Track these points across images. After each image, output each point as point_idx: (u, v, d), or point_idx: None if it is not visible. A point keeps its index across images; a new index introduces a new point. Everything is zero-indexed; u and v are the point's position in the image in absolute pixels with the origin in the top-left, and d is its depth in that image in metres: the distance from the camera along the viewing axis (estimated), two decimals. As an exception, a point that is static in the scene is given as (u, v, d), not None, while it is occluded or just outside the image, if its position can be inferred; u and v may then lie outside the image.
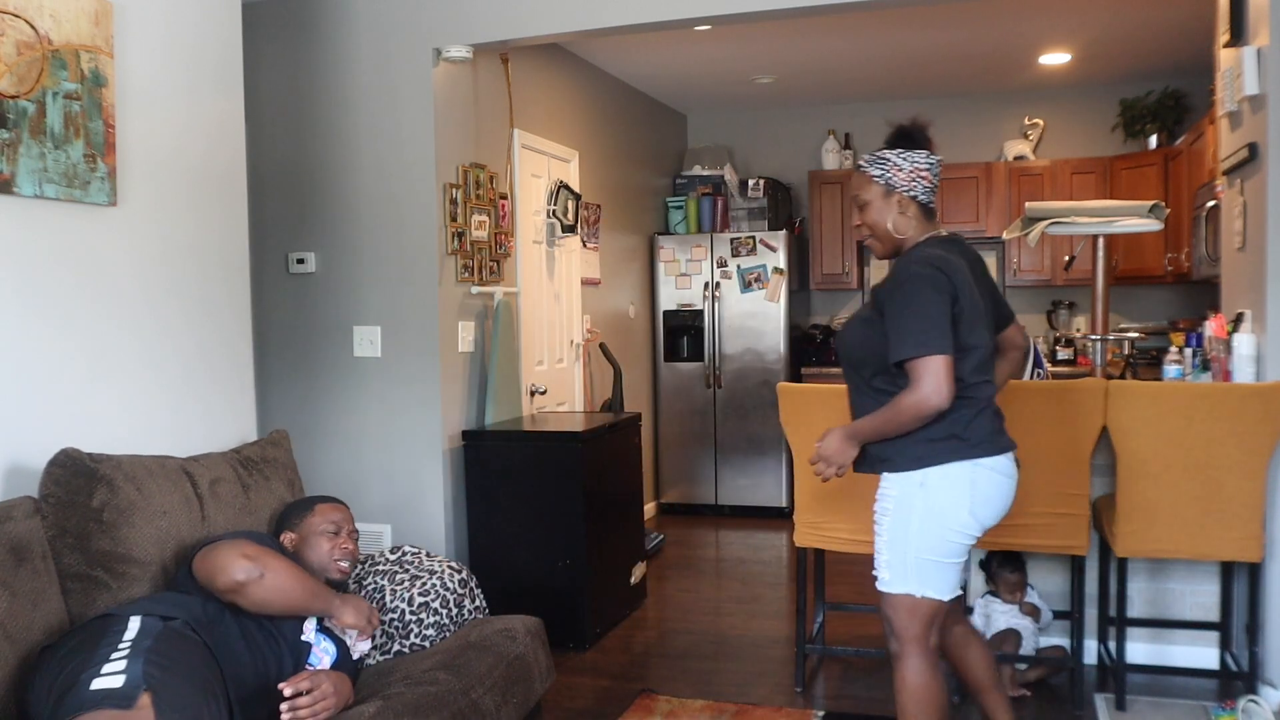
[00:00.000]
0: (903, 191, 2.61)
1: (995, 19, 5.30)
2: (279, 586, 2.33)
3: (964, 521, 2.50)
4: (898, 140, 2.66)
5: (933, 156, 2.65)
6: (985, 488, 2.51)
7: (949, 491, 2.48)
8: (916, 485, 2.50)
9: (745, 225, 7.01)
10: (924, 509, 2.49)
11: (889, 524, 2.55)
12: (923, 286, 2.44)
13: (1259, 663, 3.41)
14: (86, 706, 1.91)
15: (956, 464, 2.48)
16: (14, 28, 2.41)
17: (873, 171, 2.63)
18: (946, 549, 2.52)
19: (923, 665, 2.57)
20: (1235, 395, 3.25)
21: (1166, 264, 6.12)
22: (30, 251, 2.51)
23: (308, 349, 4.44)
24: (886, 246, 2.66)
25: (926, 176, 2.62)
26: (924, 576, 2.53)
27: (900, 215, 2.61)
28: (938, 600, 2.55)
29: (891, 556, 2.55)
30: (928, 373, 2.38)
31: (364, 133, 4.33)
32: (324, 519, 2.71)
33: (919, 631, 2.57)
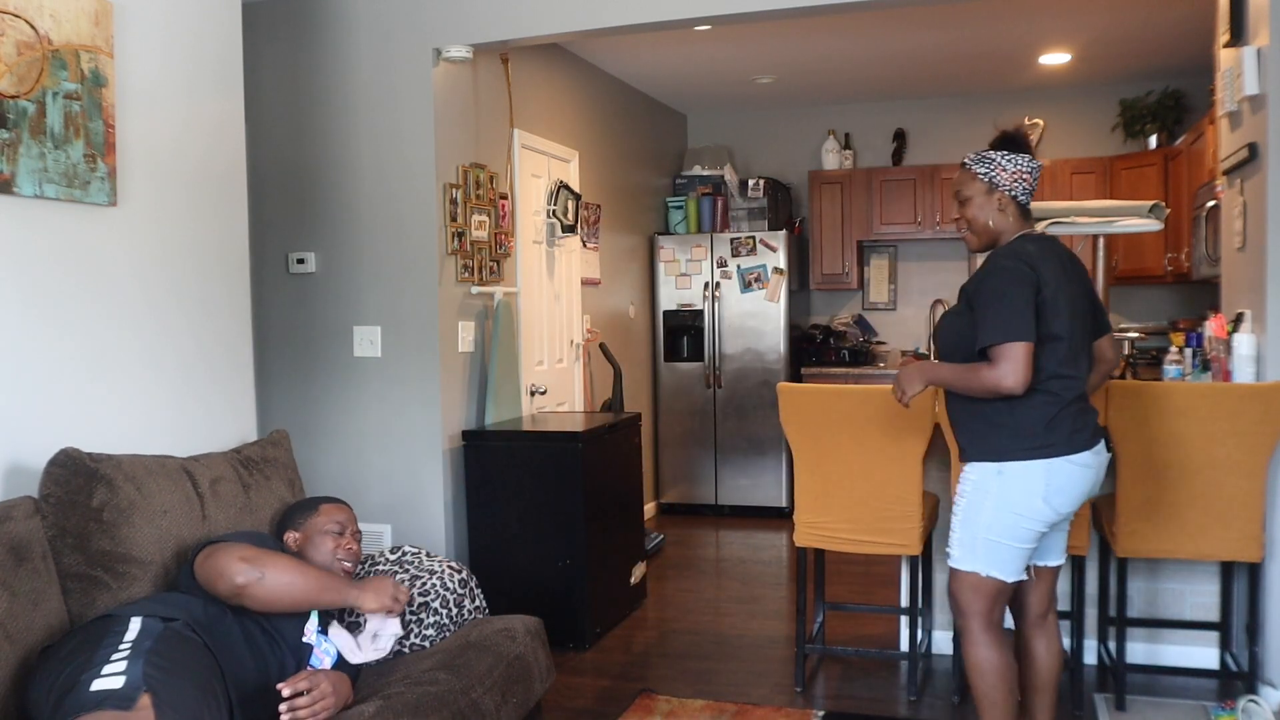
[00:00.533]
0: (1004, 190, 2.75)
1: (995, 19, 5.30)
2: (282, 583, 2.34)
3: (1038, 509, 2.64)
4: (1002, 143, 2.79)
5: (1035, 161, 2.77)
6: (1060, 479, 2.64)
7: (1024, 482, 2.63)
8: (994, 473, 2.66)
9: (745, 225, 7.02)
10: (998, 494, 2.65)
11: (964, 505, 2.71)
12: (1006, 277, 2.60)
13: (1259, 663, 3.41)
14: (87, 707, 1.91)
15: (1034, 461, 2.62)
16: (14, 28, 2.41)
17: (978, 169, 2.76)
18: (1016, 534, 2.66)
19: (987, 640, 2.72)
20: (1235, 395, 3.25)
21: (1166, 264, 6.11)
22: (30, 251, 2.51)
23: (308, 349, 4.44)
24: (982, 240, 2.81)
25: (1027, 179, 2.75)
26: (991, 557, 2.67)
27: (999, 212, 2.76)
28: (1001, 580, 2.69)
29: (963, 535, 2.71)
30: (1005, 357, 2.54)
31: (364, 133, 4.33)
32: (328, 519, 2.71)
33: (982, 608, 2.71)
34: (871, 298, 7.43)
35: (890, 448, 3.49)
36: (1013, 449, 2.63)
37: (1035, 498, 2.63)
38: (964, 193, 2.79)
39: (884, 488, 3.51)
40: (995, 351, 2.55)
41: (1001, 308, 2.57)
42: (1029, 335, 2.54)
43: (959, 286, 2.82)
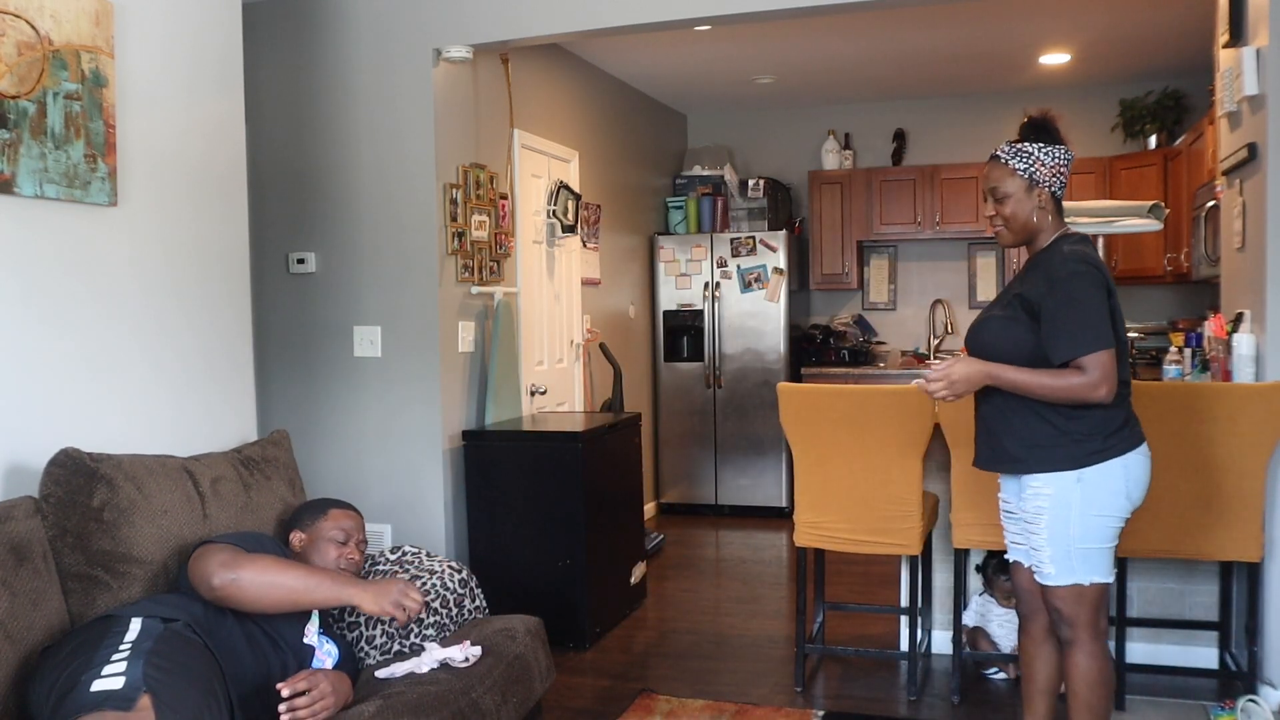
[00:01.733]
0: (1044, 186, 2.66)
1: (995, 19, 5.30)
2: (261, 583, 2.31)
3: (1121, 505, 2.60)
4: (1035, 133, 2.70)
5: (1070, 151, 2.70)
6: (1136, 471, 2.60)
7: (1106, 483, 2.57)
8: (1073, 481, 2.57)
9: (745, 225, 7.02)
10: (1082, 502, 2.57)
11: (1048, 520, 2.60)
12: (1085, 284, 2.52)
13: (1258, 663, 3.41)
14: (87, 708, 1.91)
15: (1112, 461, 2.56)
16: (14, 28, 2.42)
17: (1016, 165, 2.68)
18: (1106, 535, 2.61)
19: (1097, 650, 2.65)
20: (1235, 395, 3.26)
21: (1166, 264, 6.12)
22: (31, 252, 2.51)
23: (308, 349, 4.44)
24: (1018, 238, 2.73)
25: (1065, 172, 2.69)
26: (1089, 564, 2.61)
27: (1040, 209, 2.68)
28: (1104, 583, 2.64)
29: (1055, 551, 2.61)
30: (1097, 366, 2.47)
31: (364, 133, 4.33)
32: (335, 525, 2.74)
33: (1090, 617, 2.63)
34: (871, 298, 7.43)
35: (890, 448, 3.49)
36: (1089, 454, 2.55)
37: (1119, 496, 2.58)
38: (1002, 189, 2.68)
39: (884, 488, 3.51)
40: (1087, 361, 2.47)
41: (1088, 315, 2.49)
42: (1113, 341, 2.50)
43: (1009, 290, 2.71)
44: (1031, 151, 2.66)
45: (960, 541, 3.55)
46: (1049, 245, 2.67)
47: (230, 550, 2.37)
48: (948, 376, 2.62)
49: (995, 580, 3.82)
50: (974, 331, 2.76)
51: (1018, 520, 2.75)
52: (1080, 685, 2.65)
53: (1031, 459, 2.60)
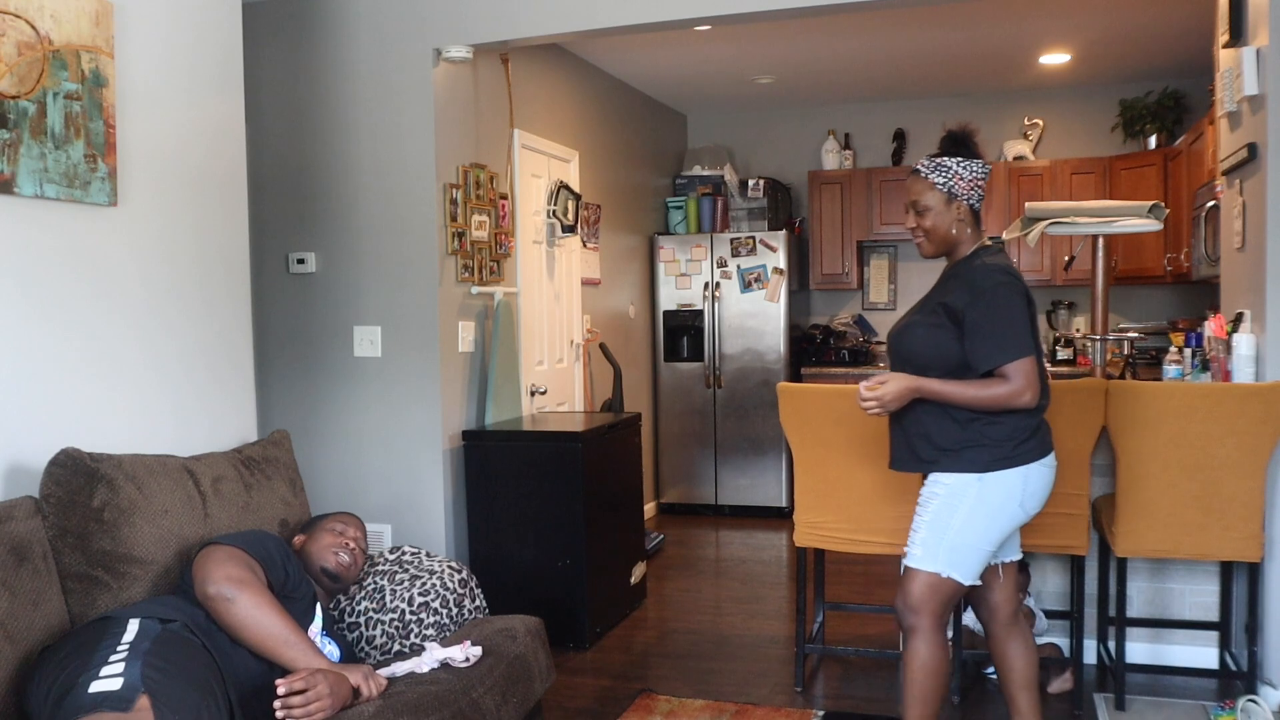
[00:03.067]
0: (963, 199, 2.75)
1: (995, 19, 5.30)
2: (254, 617, 2.29)
3: (1013, 512, 2.69)
4: (954, 146, 2.77)
5: (986, 165, 2.79)
6: (1035, 482, 2.69)
7: (1004, 489, 2.66)
8: (974, 481, 2.66)
9: (745, 225, 7.02)
10: (976, 500, 2.66)
11: (935, 507, 2.70)
12: (1007, 294, 2.62)
13: (1258, 662, 3.41)
14: (85, 709, 1.91)
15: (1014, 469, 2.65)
16: (14, 28, 2.42)
17: (936, 179, 2.75)
18: (988, 537, 2.69)
19: (935, 639, 2.73)
20: (1235, 395, 3.26)
21: (1166, 264, 6.12)
22: (31, 251, 2.51)
23: (308, 349, 4.44)
24: (939, 249, 2.82)
25: (983, 185, 2.78)
26: (955, 560, 2.68)
27: (959, 221, 2.76)
28: (959, 583, 2.70)
29: (928, 535, 2.70)
30: (1020, 373, 2.58)
31: (364, 133, 4.33)
32: (333, 521, 2.86)
33: (936, 609, 2.72)
34: (871, 298, 7.43)
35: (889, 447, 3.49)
36: (995, 460, 2.64)
37: (1014, 503, 2.67)
38: (922, 202, 2.76)
39: (884, 487, 3.51)
40: (1010, 369, 2.58)
41: (1011, 324, 2.59)
42: (1034, 349, 2.61)
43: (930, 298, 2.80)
44: (950, 166, 2.73)
45: (960, 541, 3.55)
46: (968, 256, 2.78)
47: (245, 568, 2.36)
48: (880, 398, 2.68)
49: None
50: (896, 338, 2.84)
51: None
52: (918, 672, 2.73)
53: (943, 460, 2.70)
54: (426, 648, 2.67)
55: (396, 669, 2.56)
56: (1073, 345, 6.68)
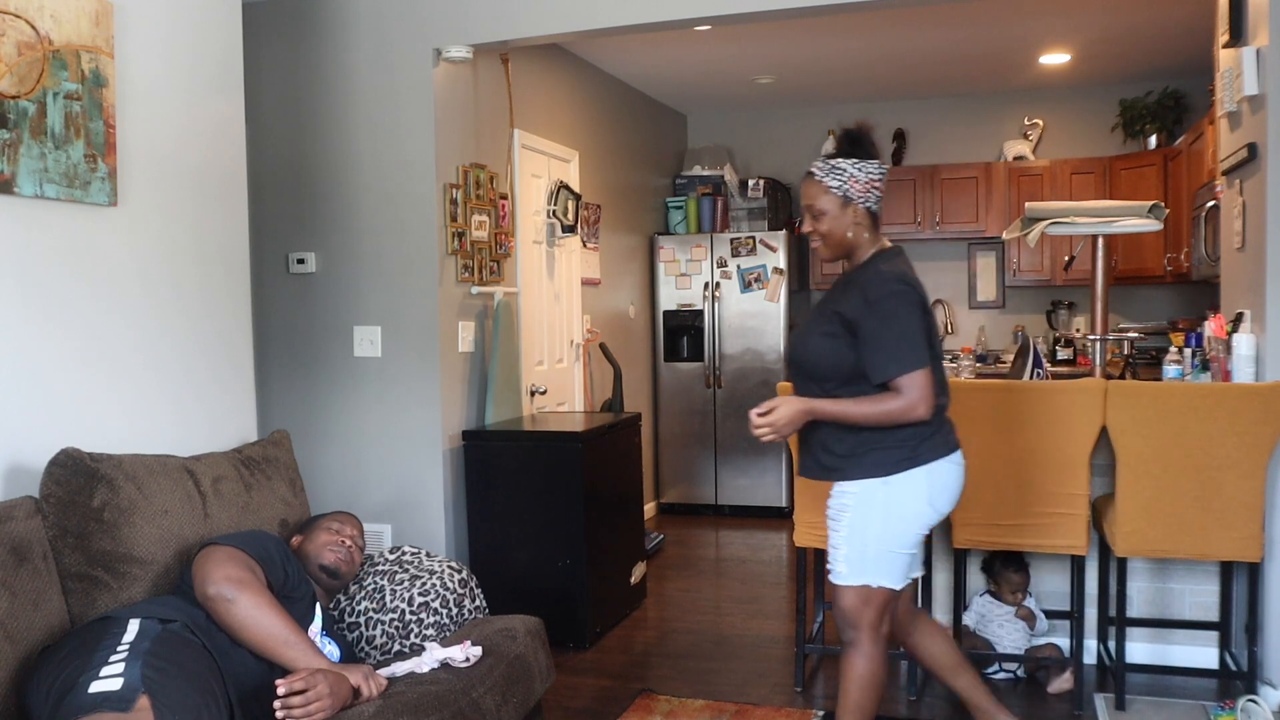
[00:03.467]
0: (859, 203, 2.69)
1: (995, 19, 5.30)
2: (254, 617, 2.29)
3: (923, 512, 2.66)
4: (849, 148, 2.71)
5: (883, 166, 2.73)
6: (942, 478, 2.66)
7: (910, 489, 2.63)
8: (879, 486, 2.63)
9: (745, 225, 7.01)
10: (885, 504, 2.63)
11: (848, 520, 2.68)
12: (901, 303, 2.58)
13: (1258, 662, 3.41)
14: (85, 709, 1.91)
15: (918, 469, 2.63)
16: (14, 28, 2.42)
17: (830, 182, 2.69)
18: (905, 540, 2.68)
19: (874, 652, 2.72)
20: (1235, 395, 3.26)
21: (1166, 264, 6.12)
22: (31, 251, 2.51)
23: (308, 349, 4.44)
24: (836, 253, 2.77)
25: (879, 186, 2.72)
26: (880, 568, 2.67)
27: (856, 224, 2.71)
28: (891, 589, 2.70)
29: (850, 551, 2.69)
30: (914, 386, 2.54)
31: (364, 133, 4.33)
32: (330, 520, 2.87)
33: (873, 619, 2.71)
34: (871, 298, 7.42)
35: (890, 448, 3.49)
36: (898, 462, 2.61)
37: (922, 502, 2.64)
38: (818, 206, 2.71)
39: (884, 488, 3.51)
40: (903, 382, 2.54)
41: (904, 335, 2.56)
42: (927, 360, 2.57)
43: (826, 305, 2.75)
44: (845, 169, 2.68)
45: (960, 541, 3.55)
46: (865, 262, 2.73)
47: (245, 568, 2.35)
48: (772, 424, 2.65)
49: (1003, 574, 3.82)
50: (793, 347, 2.80)
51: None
52: (853, 686, 2.72)
53: (846, 467, 2.67)
54: (426, 648, 2.67)
55: (396, 669, 2.56)
56: (1073, 345, 6.68)
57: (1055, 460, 3.40)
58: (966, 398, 3.47)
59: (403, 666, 2.58)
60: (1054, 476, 3.41)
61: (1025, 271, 6.90)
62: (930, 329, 2.63)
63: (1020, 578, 3.80)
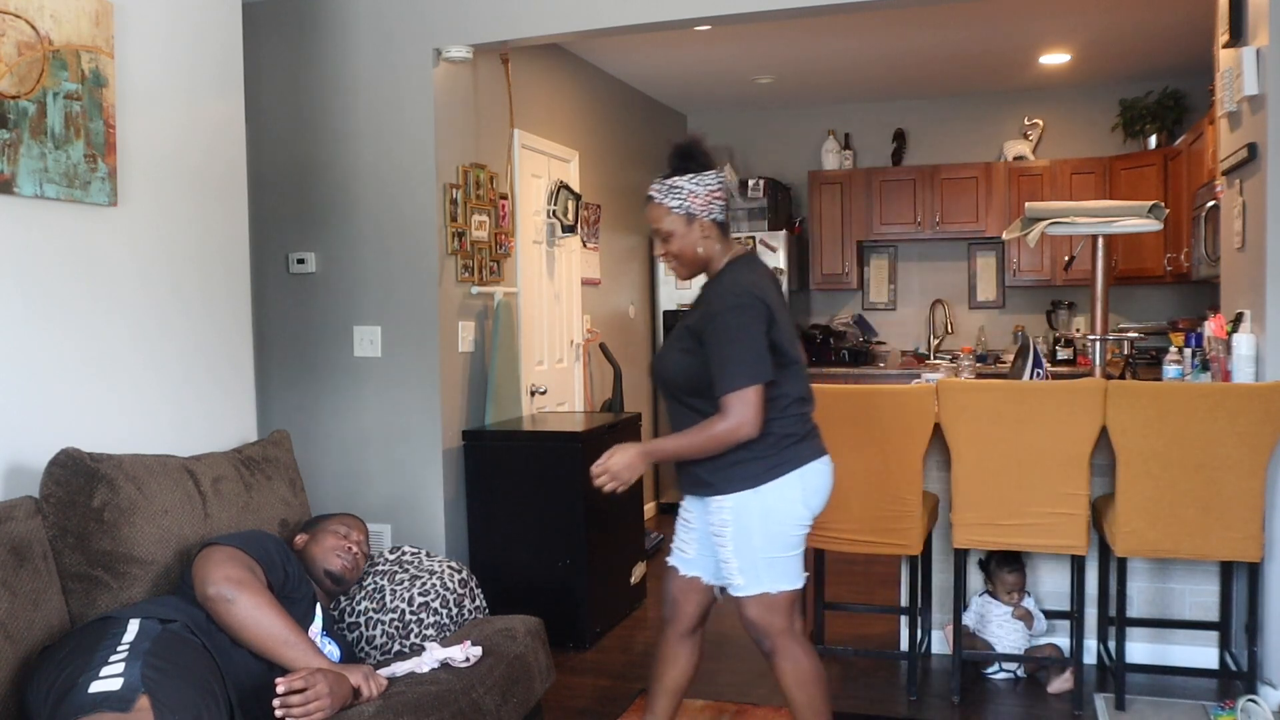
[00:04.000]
0: (703, 216, 2.66)
1: (995, 19, 5.30)
2: (254, 617, 2.29)
3: (799, 514, 2.66)
4: (683, 163, 2.67)
5: (720, 174, 2.70)
6: (814, 480, 2.67)
7: (785, 494, 2.63)
8: (751, 495, 2.62)
9: (745, 225, 7.01)
10: (761, 513, 2.62)
11: (732, 534, 2.65)
12: (738, 318, 2.54)
13: (1258, 662, 3.41)
14: (85, 709, 1.91)
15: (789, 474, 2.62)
16: (14, 28, 2.42)
17: (670, 202, 2.66)
18: (788, 543, 2.67)
19: (798, 651, 2.71)
20: (1235, 395, 3.26)
21: (1166, 264, 6.12)
22: (31, 251, 2.51)
23: (308, 349, 4.44)
24: (693, 270, 2.75)
25: (720, 196, 2.69)
26: (774, 573, 2.67)
27: (704, 239, 2.69)
28: (793, 590, 2.69)
29: (742, 564, 2.66)
30: (741, 403, 2.51)
31: (364, 133, 4.33)
32: (337, 523, 2.85)
33: (784, 624, 2.70)
34: (871, 298, 7.43)
35: (890, 448, 3.50)
36: (767, 470, 2.60)
37: (797, 504, 2.63)
38: (663, 228, 2.67)
39: (884, 488, 3.51)
40: (730, 399, 2.51)
41: (738, 350, 2.52)
42: (761, 376, 2.52)
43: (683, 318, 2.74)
44: (683, 186, 2.65)
45: (960, 541, 3.55)
46: (719, 272, 2.71)
47: (244, 569, 2.35)
48: (608, 470, 2.64)
49: (998, 575, 3.82)
50: (657, 365, 2.80)
51: (692, 530, 2.81)
52: (793, 689, 2.71)
53: (718, 482, 2.64)
54: (426, 648, 2.67)
55: (396, 669, 2.56)
56: (1073, 345, 6.68)
57: (1055, 460, 3.40)
58: (967, 398, 3.47)
59: (403, 666, 2.57)
60: (1054, 476, 3.41)
61: (1025, 271, 6.90)
62: (782, 337, 2.59)
63: (1015, 578, 3.80)
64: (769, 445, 2.59)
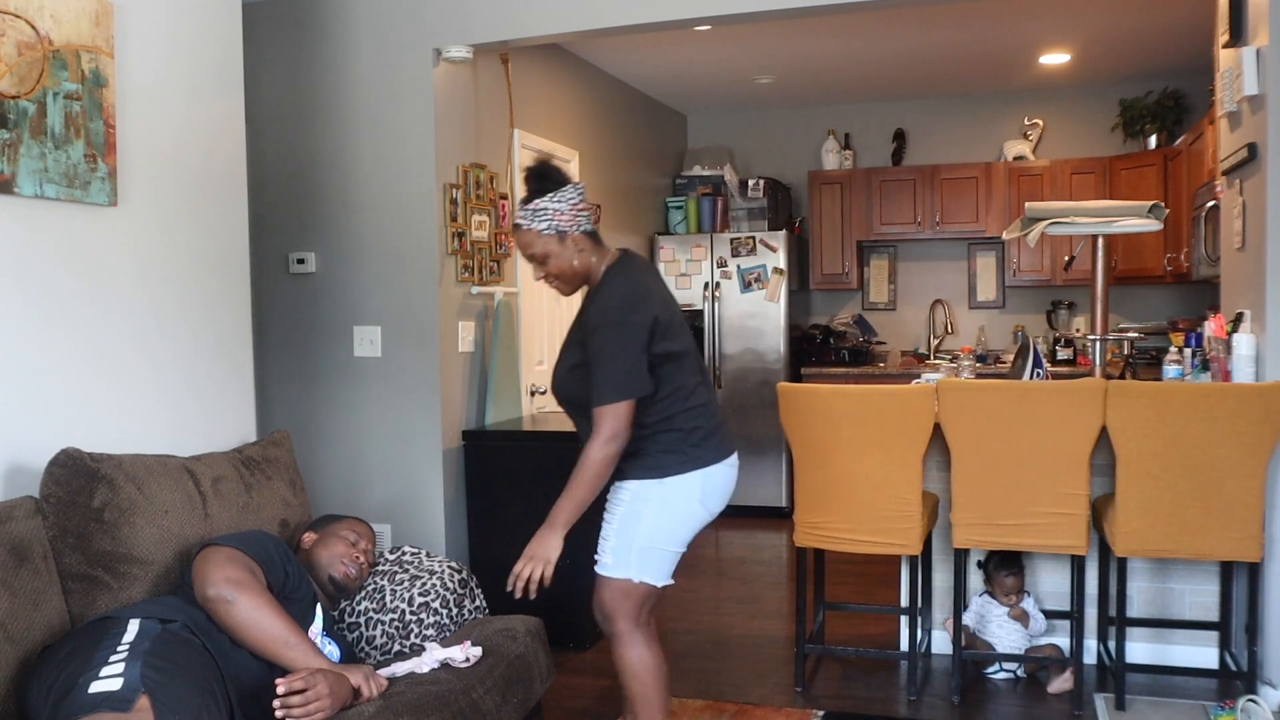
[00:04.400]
0: (573, 231, 2.70)
1: (995, 19, 5.30)
2: (254, 619, 2.28)
3: (695, 512, 2.70)
4: (541, 185, 2.72)
5: (577, 185, 2.74)
6: (715, 480, 2.71)
7: (685, 489, 2.66)
8: (655, 484, 2.67)
9: (745, 225, 7.01)
10: (659, 503, 2.66)
11: (621, 514, 2.71)
12: (612, 333, 2.60)
13: (1258, 662, 3.42)
14: (85, 709, 1.91)
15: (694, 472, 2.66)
16: (14, 28, 2.42)
17: (538, 225, 2.71)
18: (674, 538, 2.70)
19: (637, 640, 2.74)
20: (1235, 395, 3.26)
21: (1166, 264, 6.12)
22: (31, 251, 2.51)
23: (308, 349, 4.44)
24: (575, 285, 2.80)
25: (583, 206, 2.73)
26: (645, 563, 2.69)
27: (579, 253, 2.73)
28: (651, 585, 2.71)
29: (617, 543, 2.71)
30: (611, 417, 2.57)
31: (364, 133, 4.33)
32: (348, 528, 2.85)
33: (631, 612, 2.72)
34: (871, 298, 7.43)
35: (890, 448, 3.50)
36: (675, 465, 2.65)
37: (694, 502, 2.67)
38: (537, 253, 2.72)
39: (884, 488, 3.51)
40: (599, 413, 2.55)
41: (610, 365, 2.56)
42: (640, 389, 2.57)
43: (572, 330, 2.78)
44: (546, 206, 2.69)
45: (960, 541, 3.55)
46: (599, 282, 2.75)
47: (244, 570, 2.35)
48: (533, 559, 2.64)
49: (996, 576, 3.82)
50: (555, 383, 2.85)
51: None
52: (629, 678, 2.74)
53: (626, 469, 2.69)
54: (427, 648, 2.67)
55: (396, 669, 2.56)
56: (1073, 345, 6.68)
57: (1055, 460, 3.40)
58: (967, 398, 3.47)
59: (403, 667, 2.58)
60: (1054, 476, 3.41)
61: (1025, 271, 6.90)
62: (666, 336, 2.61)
63: (1013, 580, 3.80)
64: (677, 440, 2.65)
